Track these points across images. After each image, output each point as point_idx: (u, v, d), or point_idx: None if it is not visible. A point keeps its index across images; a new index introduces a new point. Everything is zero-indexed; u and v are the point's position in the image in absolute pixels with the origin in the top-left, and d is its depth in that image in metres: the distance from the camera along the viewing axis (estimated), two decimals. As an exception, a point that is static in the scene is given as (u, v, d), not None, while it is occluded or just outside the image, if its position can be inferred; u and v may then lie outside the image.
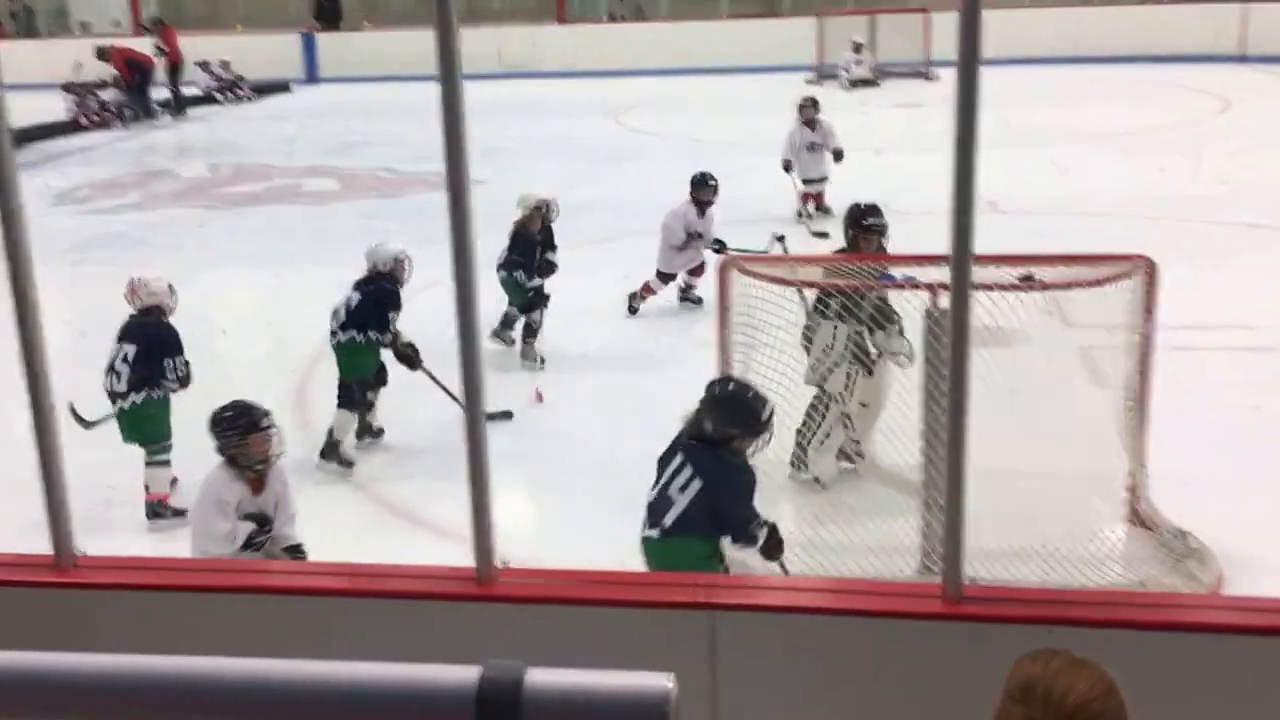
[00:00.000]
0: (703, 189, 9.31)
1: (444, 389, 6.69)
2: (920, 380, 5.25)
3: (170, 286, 6.44)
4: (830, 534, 5.46)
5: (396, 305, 6.97)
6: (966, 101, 2.57)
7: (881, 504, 5.75)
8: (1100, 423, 5.47)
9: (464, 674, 1.08)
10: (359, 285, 7.00)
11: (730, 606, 2.79)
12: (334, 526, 6.11)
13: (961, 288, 2.70)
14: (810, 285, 5.91)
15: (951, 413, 2.74)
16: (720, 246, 9.11)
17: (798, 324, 5.92)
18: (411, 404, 7.22)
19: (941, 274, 4.76)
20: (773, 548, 4.53)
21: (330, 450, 6.83)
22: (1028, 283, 5.52)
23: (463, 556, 2.82)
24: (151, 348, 6.19)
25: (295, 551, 4.92)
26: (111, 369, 6.22)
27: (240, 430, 4.82)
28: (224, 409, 4.95)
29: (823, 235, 10.51)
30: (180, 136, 20.06)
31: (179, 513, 6.11)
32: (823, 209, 11.93)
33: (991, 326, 4.70)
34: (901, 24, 22.58)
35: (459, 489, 2.71)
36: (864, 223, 6.54)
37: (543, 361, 8.21)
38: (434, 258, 2.69)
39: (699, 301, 9.24)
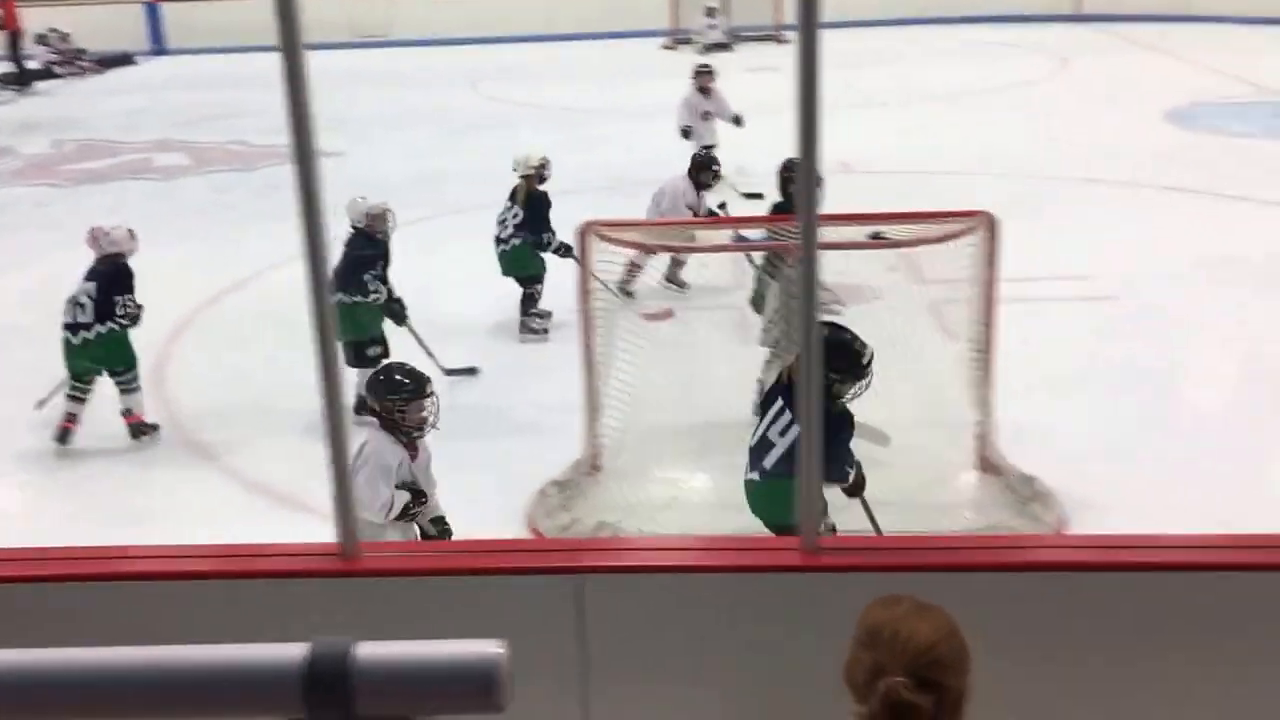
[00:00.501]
0: (704, 171, 8.69)
1: (425, 348, 6.74)
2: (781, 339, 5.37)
3: (130, 232, 6.96)
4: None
5: (373, 264, 7.02)
6: (808, 64, 2.64)
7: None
8: (948, 374, 5.68)
9: (290, 652, 1.06)
10: (345, 245, 7.04)
11: (597, 569, 2.84)
12: (202, 508, 6.03)
13: (809, 247, 2.78)
14: (670, 249, 5.97)
15: (803, 369, 2.83)
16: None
17: (661, 289, 6.00)
18: (275, 383, 7.12)
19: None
20: (857, 485, 4.71)
21: (361, 405, 6.81)
22: (877, 240, 5.69)
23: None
24: (109, 285, 6.73)
25: (441, 524, 4.84)
26: (76, 303, 6.72)
27: (408, 394, 4.71)
28: (391, 370, 4.86)
29: (756, 196, 10.43)
30: (21, 112, 19.22)
31: (154, 426, 6.91)
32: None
33: (844, 284, 4.82)
34: (755, -15, 22.76)
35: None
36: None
37: (546, 331, 7.99)
38: (290, 232, 2.66)
39: (684, 286, 8.09)
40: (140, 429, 6.91)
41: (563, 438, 6.10)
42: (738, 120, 11.55)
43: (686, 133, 11.91)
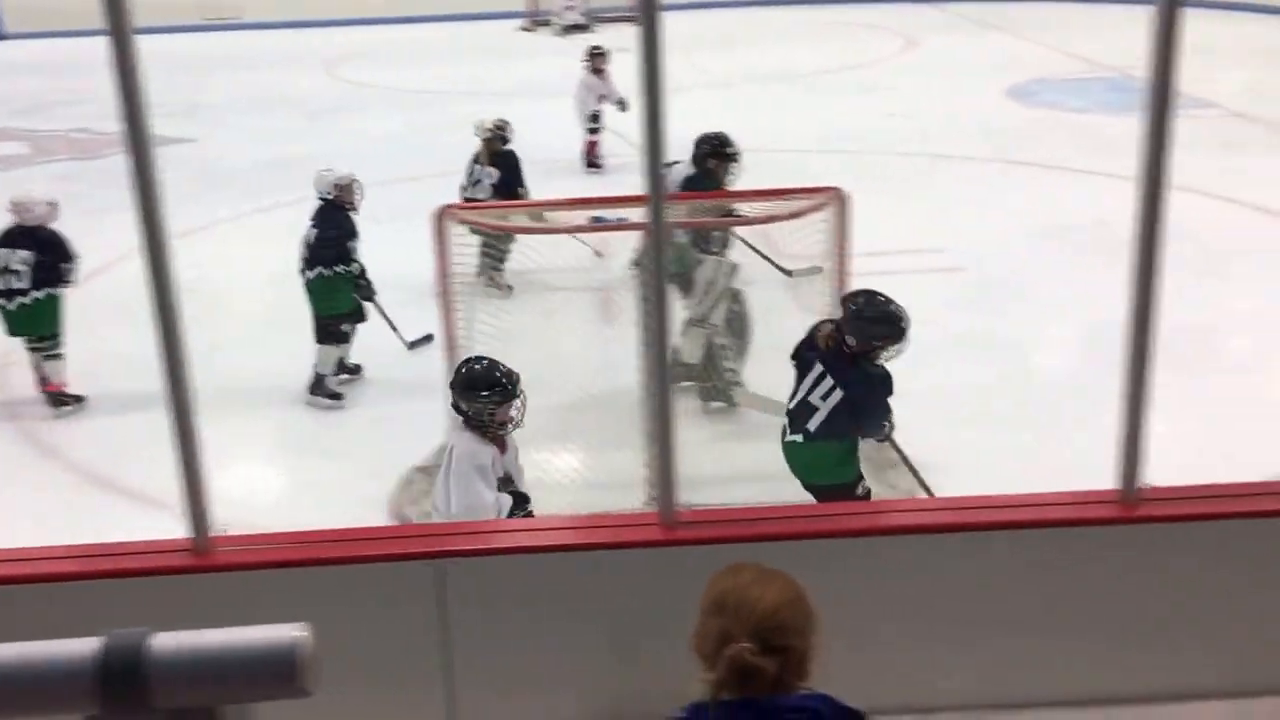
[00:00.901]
0: (725, 158, 7.49)
1: (390, 324, 6.69)
2: (639, 319, 5.41)
3: (50, 203, 7.16)
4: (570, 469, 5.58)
5: (352, 234, 7.06)
6: (650, 46, 2.66)
7: (621, 437, 5.82)
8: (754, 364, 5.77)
9: (84, 646, 1.05)
10: (314, 218, 7.08)
11: (457, 553, 2.84)
12: (44, 504, 5.83)
13: (658, 227, 2.81)
14: (527, 231, 5.96)
15: (654, 346, 2.86)
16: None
17: (518, 268, 5.98)
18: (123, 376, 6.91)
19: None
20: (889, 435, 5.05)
21: (317, 385, 6.88)
22: (729, 218, 5.77)
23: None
24: (50, 252, 6.93)
25: (524, 505, 4.75)
26: (7, 270, 6.84)
27: (501, 395, 4.60)
28: (481, 369, 4.69)
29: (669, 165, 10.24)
30: None
31: (78, 398, 6.99)
32: (597, 159, 11.95)
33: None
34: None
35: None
36: (727, 151, 6.80)
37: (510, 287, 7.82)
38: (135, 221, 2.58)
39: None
40: (62, 399, 6.96)
41: (428, 422, 6.06)
42: (622, 104, 11.51)
43: (595, 117, 11.90)
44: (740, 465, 5.59)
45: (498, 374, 4.65)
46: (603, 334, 6.07)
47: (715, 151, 6.81)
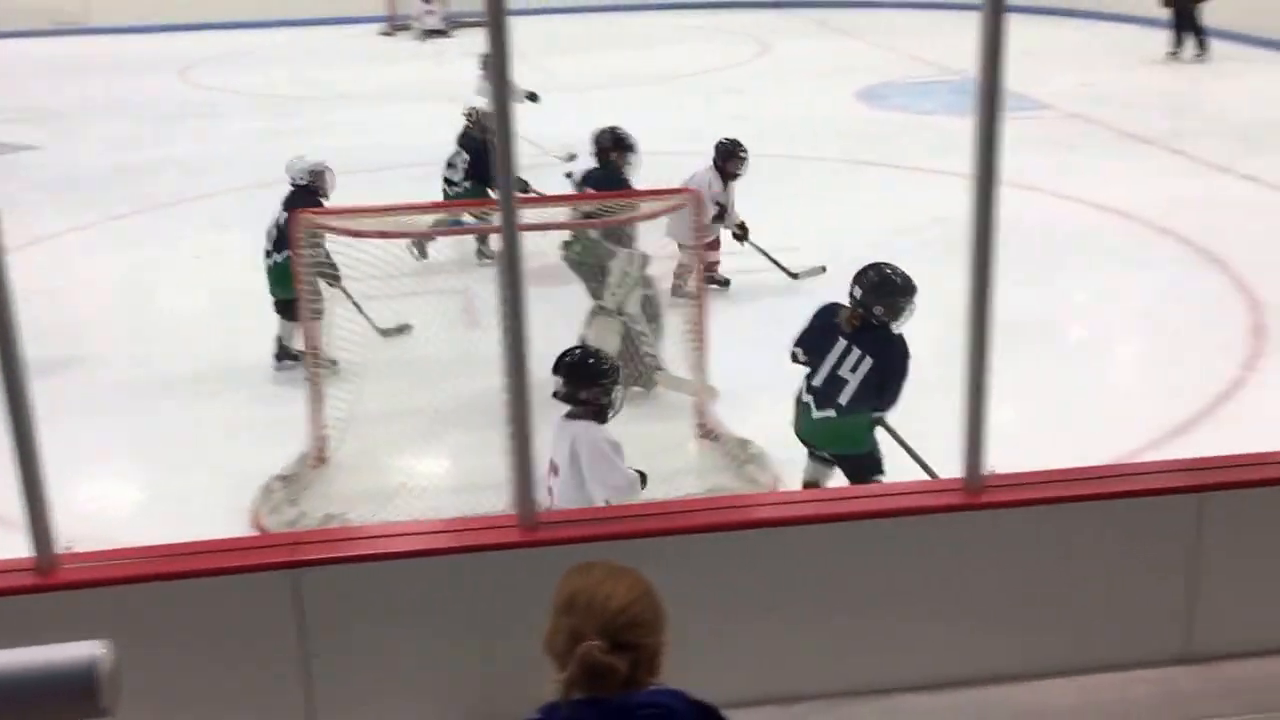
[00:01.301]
0: (731, 159, 8.01)
1: (358, 307, 6.49)
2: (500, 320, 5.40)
3: None
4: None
5: None
6: (498, 50, 2.68)
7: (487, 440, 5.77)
8: (667, 347, 5.85)
9: None
10: (285, 203, 7.04)
11: (312, 562, 2.81)
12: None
13: (510, 227, 2.83)
14: (383, 236, 5.89)
15: (510, 346, 2.87)
16: (743, 234, 8.22)
17: (377, 274, 5.91)
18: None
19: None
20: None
21: (283, 352, 6.94)
22: (589, 219, 5.81)
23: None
24: None
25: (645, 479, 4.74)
26: None
27: (616, 376, 4.64)
28: (592, 356, 4.68)
29: (571, 157, 10.21)
30: None
31: None
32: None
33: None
34: (469, -27, 22.65)
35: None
36: (626, 143, 7.07)
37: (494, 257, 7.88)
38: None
39: (726, 283, 8.05)
40: None
41: (287, 430, 5.97)
42: (533, 96, 11.27)
43: (534, 97, 11.61)
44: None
45: (604, 359, 4.73)
46: (466, 336, 6.05)
47: (616, 144, 7.06)
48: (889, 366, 5.05)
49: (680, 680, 2.05)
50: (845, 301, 5.16)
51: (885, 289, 5.15)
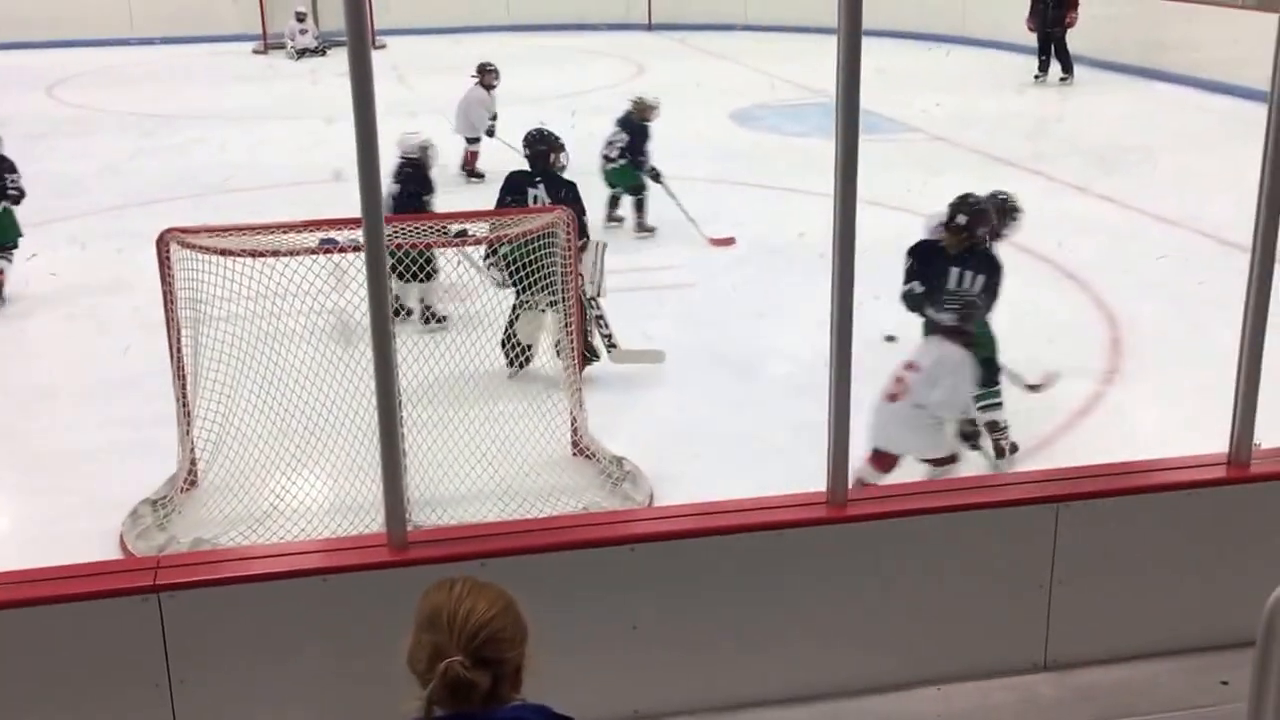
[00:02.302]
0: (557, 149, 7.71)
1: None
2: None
3: None
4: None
5: (433, 190, 8.16)
6: (360, 71, 2.68)
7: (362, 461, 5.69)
8: (544, 366, 5.87)
9: None
10: (396, 176, 7.83)
11: (173, 586, 2.76)
12: None
13: (376, 247, 2.83)
14: (254, 255, 5.79)
15: (378, 367, 2.87)
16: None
17: (248, 294, 5.81)
18: None
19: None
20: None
21: (429, 314, 7.50)
22: (461, 238, 5.80)
23: None
24: None
25: None
26: None
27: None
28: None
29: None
30: None
31: None
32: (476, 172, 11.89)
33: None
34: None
35: None
36: (558, 142, 7.38)
37: (653, 230, 9.79)
38: None
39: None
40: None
41: (154, 453, 5.83)
42: (495, 118, 11.99)
43: (491, 131, 12.01)
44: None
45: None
46: (339, 357, 5.97)
47: (550, 146, 7.31)
48: (996, 280, 5.94)
49: (543, 695, 2.07)
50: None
51: (988, 216, 6.00)
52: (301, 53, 20.91)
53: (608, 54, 20.09)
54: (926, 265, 5.93)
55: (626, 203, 10.04)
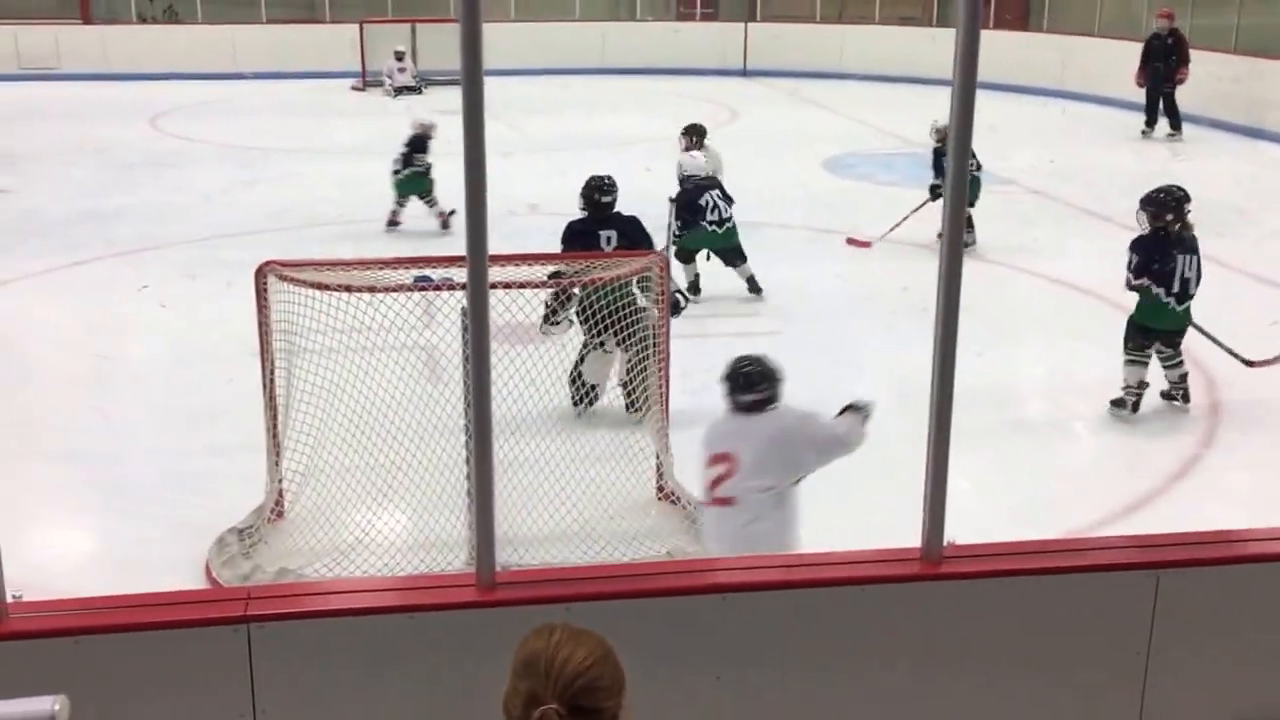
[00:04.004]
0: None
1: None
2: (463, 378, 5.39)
3: None
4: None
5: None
6: (473, 108, 2.70)
7: (444, 498, 5.71)
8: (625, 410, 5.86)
9: None
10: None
11: (263, 617, 2.77)
12: None
13: (479, 286, 2.83)
14: (348, 289, 5.87)
15: (476, 406, 2.87)
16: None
17: (341, 328, 5.88)
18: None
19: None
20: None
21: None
22: (556, 279, 5.82)
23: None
24: None
25: None
26: None
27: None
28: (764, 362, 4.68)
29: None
30: None
31: None
32: None
33: (518, 323, 4.92)
34: (442, 32, 22.84)
35: None
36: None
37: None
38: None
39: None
40: None
41: (243, 482, 5.91)
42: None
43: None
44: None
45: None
46: (427, 393, 6.01)
47: (613, 193, 7.31)
48: (1201, 260, 7.01)
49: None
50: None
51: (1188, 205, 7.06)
52: (399, 90, 21.33)
53: (702, 98, 20.18)
54: (1160, 256, 6.87)
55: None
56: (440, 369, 6.19)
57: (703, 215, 9.11)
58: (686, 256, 9.20)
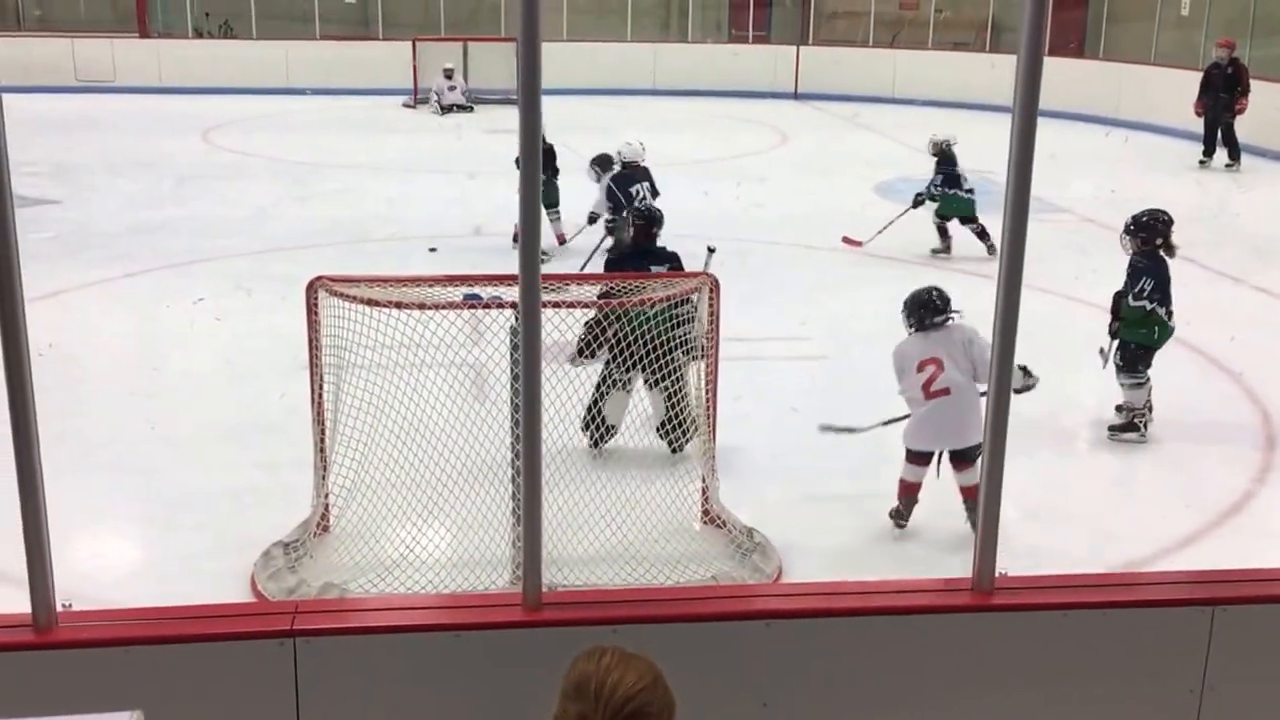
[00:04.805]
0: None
1: None
2: (510, 396, 5.40)
3: None
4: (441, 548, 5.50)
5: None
6: (530, 128, 2.70)
7: (488, 516, 5.71)
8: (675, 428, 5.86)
9: None
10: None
11: (310, 632, 2.77)
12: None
13: (532, 305, 2.82)
14: (399, 306, 5.89)
15: (525, 426, 2.86)
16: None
17: (389, 344, 5.90)
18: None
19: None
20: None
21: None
22: (605, 299, 5.82)
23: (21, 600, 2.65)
24: None
25: None
26: None
27: None
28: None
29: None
30: None
31: None
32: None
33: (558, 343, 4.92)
34: (493, 51, 23.03)
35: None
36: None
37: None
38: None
39: None
40: None
41: (290, 496, 5.94)
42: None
43: None
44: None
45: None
46: (473, 411, 6.02)
47: (660, 222, 7.25)
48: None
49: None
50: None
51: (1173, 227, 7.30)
52: (448, 108, 21.50)
53: (752, 121, 20.20)
54: (1165, 277, 7.08)
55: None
56: (487, 387, 6.20)
57: (631, 204, 9.63)
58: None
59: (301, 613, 2.88)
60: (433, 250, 11.15)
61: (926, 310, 6.10)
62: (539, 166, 2.70)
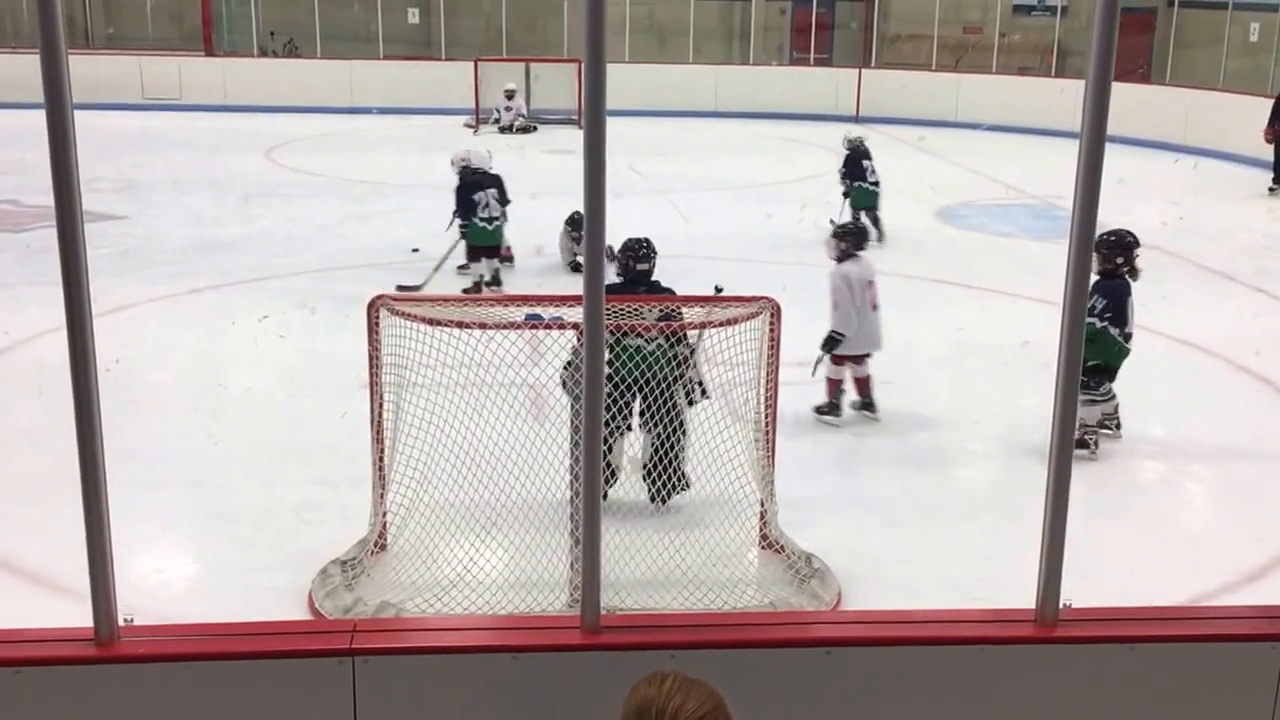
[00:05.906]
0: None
1: None
2: (570, 419, 5.40)
3: None
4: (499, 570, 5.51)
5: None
6: (594, 148, 2.70)
7: (545, 538, 5.69)
8: (734, 454, 5.81)
9: None
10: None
11: (368, 651, 2.77)
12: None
13: (596, 326, 2.82)
14: (461, 326, 5.92)
15: (586, 448, 2.85)
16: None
17: (449, 363, 5.93)
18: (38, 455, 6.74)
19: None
20: None
21: None
22: (666, 322, 5.81)
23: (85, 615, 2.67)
24: None
25: None
26: None
27: None
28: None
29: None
30: None
31: None
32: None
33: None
34: (555, 72, 23.19)
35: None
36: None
37: None
38: (59, 298, 2.53)
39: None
40: None
41: (348, 514, 5.98)
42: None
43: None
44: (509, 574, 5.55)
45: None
46: (531, 432, 6.04)
47: (651, 258, 6.75)
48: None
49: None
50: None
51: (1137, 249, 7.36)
52: (507, 129, 21.66)
53: (813, 144, 20.15)
54: (1124, 300, 7.10)
55: None
56: (546, 407, 6.21)
57: (474, 211, 10.40)
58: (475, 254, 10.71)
59: (360, 631, 2.88)
60: (415, 250, 11.67)
61: (861, 238, 7.90)
62: (603, 187, 2.70)
